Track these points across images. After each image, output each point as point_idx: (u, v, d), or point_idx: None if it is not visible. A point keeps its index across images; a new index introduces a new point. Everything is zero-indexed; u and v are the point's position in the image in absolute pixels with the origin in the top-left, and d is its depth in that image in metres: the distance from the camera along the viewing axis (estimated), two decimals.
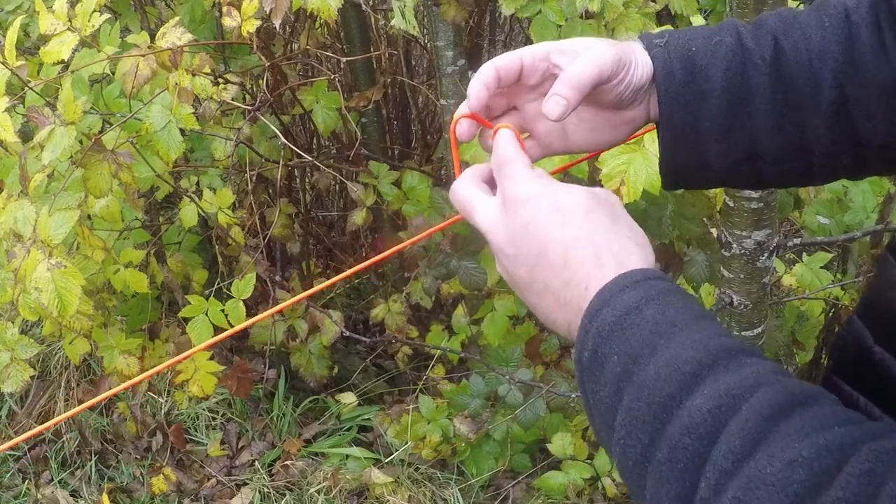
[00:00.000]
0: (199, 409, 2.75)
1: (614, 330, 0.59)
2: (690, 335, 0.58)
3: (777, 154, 0.79)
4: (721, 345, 0.57)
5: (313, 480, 2.48)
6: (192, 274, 2.38)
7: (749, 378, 0.54)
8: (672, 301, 0.60)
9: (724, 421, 0.52)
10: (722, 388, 0.54)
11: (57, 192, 1.66)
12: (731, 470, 0.50)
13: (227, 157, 2.10)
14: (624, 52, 0.76)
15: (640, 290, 0.61)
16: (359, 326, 2.77)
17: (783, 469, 0.49)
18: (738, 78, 0.76)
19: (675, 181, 0.82)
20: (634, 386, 0.57)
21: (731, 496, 0.49)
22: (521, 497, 2.40)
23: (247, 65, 2.18)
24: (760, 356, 0.58)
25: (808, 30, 0.77)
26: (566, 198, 0.66)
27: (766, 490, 0.48)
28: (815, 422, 0.51)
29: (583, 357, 0.61)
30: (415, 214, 2.19)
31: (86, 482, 2.58)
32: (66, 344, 2.04)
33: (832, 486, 0.47)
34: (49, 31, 1.64)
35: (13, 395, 2.74)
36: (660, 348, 0.57)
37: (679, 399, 0.54)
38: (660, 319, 0.59)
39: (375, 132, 2.58)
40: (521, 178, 0.68)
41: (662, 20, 1.93)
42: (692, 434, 0.53)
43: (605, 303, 0.61)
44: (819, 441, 0.50)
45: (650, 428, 0.55)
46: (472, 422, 2.29)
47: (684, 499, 0.52)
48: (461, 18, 1.96)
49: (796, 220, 2.24)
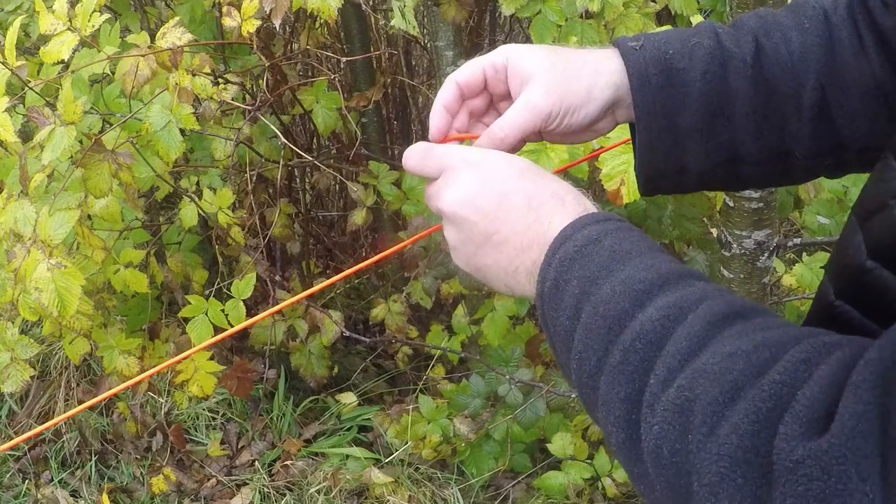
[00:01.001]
0: (199, 409, 2.75)
1: (575, 259, 0.63)
2: (644, 260, 0.62)
3: (757, 157, 0.78)
4: (672, 269, 0.61)
5: (313, 480, 2.48)
6: (192, 274, 2.38)
7: (696, 293, 0.59)
8: (629, 235, 0.65)
9: (671, 328, 0.56)
10: (671, 301, 0.58)
11: (57, 192, 1.66)
12: (677, 367, 0.54)
13: (227, 157, 2.10)
14: (569, 95, 0.75)
15: (599, 227, 0.65)
16: (359, 326, 2.77)
17: (723, 360, 0.52)
18: (718, 81, 0.75)
19: (653, 186, 0.81)
20: (591, 304, 0.61)
21: (676, 385, 0.53)
22: (521, 497, 2.40)
23: (247, 65, 2.18)
24: (708, 280, 0.62)
25: (789, 31, 0.76)
26: (513, 158, 0.73)
27: (707, 379, 0.52)
28: (756, 327, 0.55)
29: (544, 288, 0.65)
30: (415, 214, 2.19)
31: (86, 482, 2.58)
32: (66, 344, 2.04)
33: (770, 372, 0.50)
34: (49, 31, 1.64)
35: (13, 395, 2.74)
36: (616, 271, 0.61)
37: (632, 312, 0.58)
38: (617, 248, 0.63)
39: (375, 132, 2.58)
40: (465, 149, 0.74)
41: (662, 20, 1.93)
42: (642, 339, 0.57)
43: (567, 238, 0.65)
44: (758, 338, 0.53)
45: (605, 339, 0.59)
46: (472, 422, 2.29)
47: (634, 397, 0.56)
48: (461, 18, 1.96)
49: (796, 220, 2.24)
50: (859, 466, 0.44)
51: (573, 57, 0.77)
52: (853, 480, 0.45)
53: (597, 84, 0.76)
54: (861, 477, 0.44)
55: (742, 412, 0.50)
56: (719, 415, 0.51)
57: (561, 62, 0.76)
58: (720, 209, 1.66)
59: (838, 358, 0.50)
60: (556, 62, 0.76)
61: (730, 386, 0.51)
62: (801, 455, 0.46)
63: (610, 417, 0.58)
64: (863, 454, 0.44)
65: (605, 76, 0.76)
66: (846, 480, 0.45)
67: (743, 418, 0.49)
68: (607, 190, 1.47)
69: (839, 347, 0.51)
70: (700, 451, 0.51)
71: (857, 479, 0.44)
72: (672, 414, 0.53)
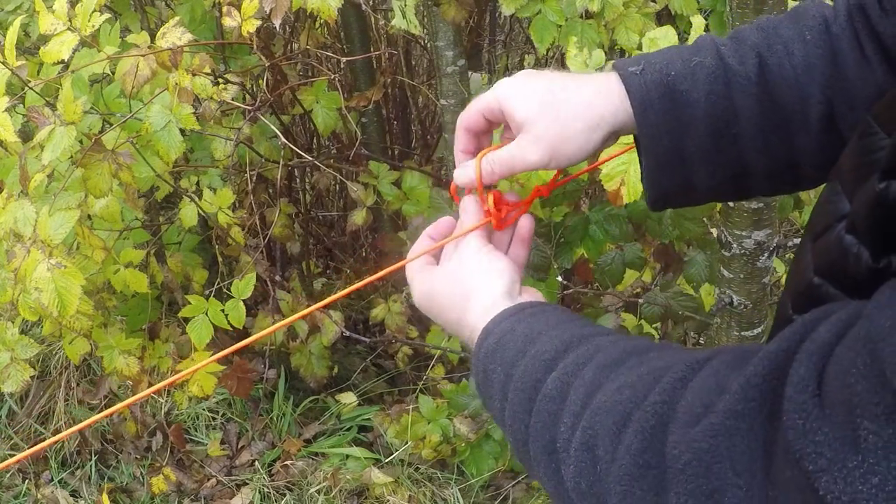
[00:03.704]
0: (199, 409, 2.75)
1: (496, 350, 0.72)
2: (551, 334, 0.69)
3: (766, 171, 0.78)
4: (576, 334, 0.68)
5: (313, 480, 2.49)
6: (192, 274, 2.38)
7: (591, 349, 0.65)
8: (541, 318, 0.73)
9: (570, 382, 0.63)
10: (569, 361, 0.65)
11: (57, 192, 1.66)
12: (579, 411, 0.61)
13: (227, 157, 2.10)
14: (562, 144, 0.77)
15: (514, 318, 0.74)
16: (359, 326, 2.77)
17: (613, 395, 0.59)
18: (722, 101, 0.75)
19: (662, 203, 0.82)
20: (512, 383, 0.68)
21: (581, 426, 0.60)
22: (521, 497, 2.40)
23: (247, 65, 2.18)
24: (612, 333, 0.69)
25: (791, 44, 0.75)
26: (458, 271, 0.83)
27: (602, 414, 0.59)
28: (647, 360, 0.61)
29: (478, 379, 0.75)
30: (415, 214, 2.19)
31: (86, 482, 2.58)
32: (66, 344, 2.04)
33: (651, 394, 0.56)
34: (49, 31, 1.64)
35: (13, 395, 2.75)
36: (529, 351, 0.69)
37: (543, 379, 0.66)
38: (528, 332, 0.71)
39: (375, 132, 2.58)
40: (427, 270, 0.86)
41: (662, 20, 1.93)
42: (548, 397, 0.64)
43: (488, 333, 0.74)
44: (643, 369, 0.60)
45: (525, 408, 0.66)
46: (472, 422, 2.29)
47: (550, 447, 0.63)
48: (461, 18, 1.96)
49: (796, 220, 2.24)
50: (734, 462, 0.48)
51: (567, 94, 0.77)
52: (728, 476, 0.48)
53: (589, 127, 0.77)
54: (735, 472, 0.48)
55: (631, 434, 0.55)
56: (616, 441, 0.57)
57: (554, 105, 0.77)
58: (720, 209, 1.66)
59: (711, 367, 0.55)
60: (547, 106, 0.77)
61: (621, 415, 0.57)
62: (688, 458, 0.51)
63: (539, 471, 0.65)
64: (739, 450, 0.48)
65: (601, 109, 0.76)
66: (722, 476, 0.49)
67: (633, 439, 0.55)
68: (607, 190, 1.47)
69: (712, 358, 0.56)
70: (606, 476, 0.57)
71: (731, 475, 0.48)
72: (582, 452, 0.59)
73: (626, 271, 1.91)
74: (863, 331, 0.43)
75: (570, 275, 2.05)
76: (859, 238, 0.56)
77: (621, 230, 1.83)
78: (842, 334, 0.46)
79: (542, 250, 1.87)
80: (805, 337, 0.49)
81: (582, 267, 2.07)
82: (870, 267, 0.54)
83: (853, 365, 0.43)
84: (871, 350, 0.42)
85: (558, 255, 1.89)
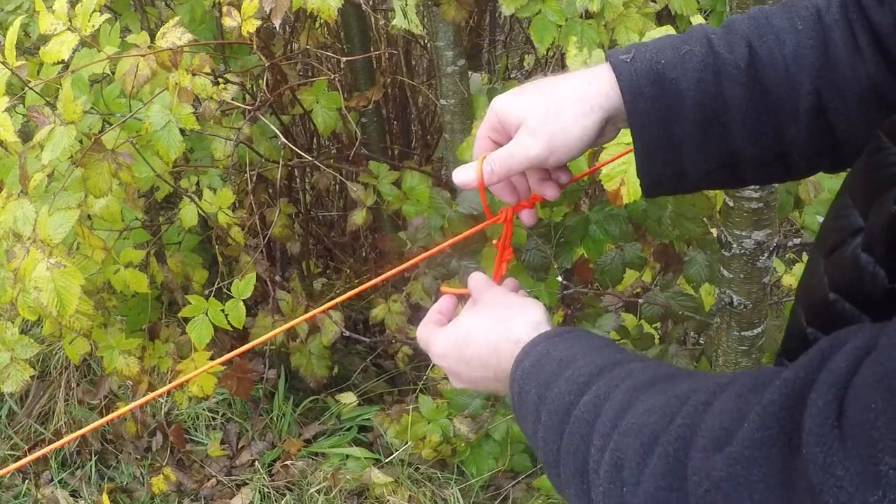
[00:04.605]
0: (199, 409, 2.75)
1: (531, 372, 0.74)
2: (585, 359, 0.71)
3: (756, 159, 0.78)
4: (609, 359, 0.70)
5: (313, 480, 2.48)
6: (192, 274, 2.38)
7: (623, 373, 0.67)
8: (575, 343, 0.75)
9: (601, 405, 0.64)
10: (602, 384, 0.66)
11: (57, 191, 1.66)
12: (609, 433, 0.62)
13: (227, 157, 2.10)
14: (556, 134, 0.78)
15: (550, 341, 0.76)
16: (359, 326, 2.77)
17: (640, 417, 0.60)
18: (712, 89, 0.75)
19: (654, 190, 0.83)
20: (546, 405, 0.70)
21: (610, 448, 0.61)
22: (521, 497, 2.40)
23: (247, 65, 2.18)
24: (644, 360, 0.71)
25: (782, 34, 0.75)
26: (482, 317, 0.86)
27: (630, 436, 0.60)
28: (676, 385, 0.62)
29: (513, 399, 0.76)
30: (415, 214, 2.19)
31: (86, 482, 2.58)
32: (66, 344, 2.04)
33: (676, 418, 0.57)
34: (49, 31, 1.64)
35: (13, 395, 2.74)
36: (563, 374, 0.70)
37: (575, 402, 0.67)
38: (563, 356, 0.73)
39: (375, 132, 2.58)
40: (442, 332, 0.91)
41: (662, 20, 1.93)
42: (580, 420, 0.65)
43: (526, 354, 0.76)
44: (671, 394, 0.61)
45: (558, 430, 0.67)
46: (472, 422, 2.29)
47: (581, 469, 0.64)
48: (461, 18, 1.96)
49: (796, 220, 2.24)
50: (752, 491, 0.49)
51: (556, 91, 0.79)
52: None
53: (582, 113, 0.77)
54: (753, 501, 0.49)
55: (657, 457, 0.57)
56: (642, 465, 0.58)
57: (544, 101, 0.79)
58: (720, 209, 1.66)
59: (733, 390, 0.55)
60: (539, 102, 0.79)
61: (648, 437, 0.58)
62: (707, 486, 0.52)
63: (570, 493, 0.66)
64: (756, 479, 0.49)
65: (590, 101, 0.77)
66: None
67: (658, 462, 0.56)
68: (607, 190, 1.47)
69: (735, 381, 0.57)
70: (632, 499, 0.58)
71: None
72: (610, 473, 0.60)
73: (626, 271, 1.91)
74: (879, 365, 0.44)
75: (570, 275, 2.05)
76: (875, 258, 0.56)
77: (621, 230, 1.83)
78: (859, 362, 0.47)
79: (542, 250, 1.87)
80: (822, 366, 0.49)
81: (582, 267, 2.07)
82: (886, 287, 0.55)
83: (872, 400, 0.43)
84: (889, 386, 0.42)
85: (558, 255, 1.89)
